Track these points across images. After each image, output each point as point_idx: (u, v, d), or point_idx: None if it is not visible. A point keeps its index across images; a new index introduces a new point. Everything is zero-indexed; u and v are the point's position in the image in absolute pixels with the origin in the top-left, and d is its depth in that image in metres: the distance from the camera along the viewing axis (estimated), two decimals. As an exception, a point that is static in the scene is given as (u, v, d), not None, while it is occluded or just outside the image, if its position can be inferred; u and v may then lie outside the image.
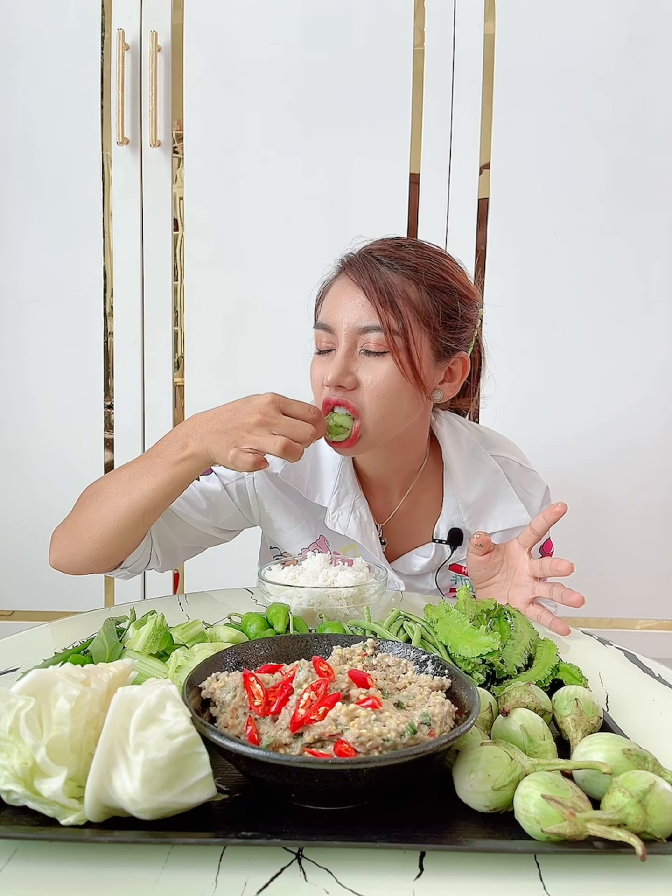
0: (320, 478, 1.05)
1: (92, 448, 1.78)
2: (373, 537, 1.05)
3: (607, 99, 1.68)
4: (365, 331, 0.92)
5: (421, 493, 1.09)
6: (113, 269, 1.73)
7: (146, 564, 1.03)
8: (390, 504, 1.09)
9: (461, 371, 1.01)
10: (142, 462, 0.91)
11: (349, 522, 1.03)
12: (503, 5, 1.66)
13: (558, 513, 0.90)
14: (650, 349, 1.75)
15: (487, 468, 1.07)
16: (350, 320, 0.92)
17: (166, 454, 0.89)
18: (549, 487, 1.11)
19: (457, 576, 1.11)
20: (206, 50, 1.68)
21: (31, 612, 1.81)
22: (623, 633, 1.81)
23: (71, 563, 0.96)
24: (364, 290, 0.92)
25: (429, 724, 0.54)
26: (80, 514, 0.94)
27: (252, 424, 0.83)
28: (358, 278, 0.93)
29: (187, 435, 0.88)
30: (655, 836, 0.49)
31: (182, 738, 0.50)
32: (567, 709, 0.63)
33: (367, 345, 0.92)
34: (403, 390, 0.93)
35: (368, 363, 0.92)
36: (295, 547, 1.09)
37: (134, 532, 0.93)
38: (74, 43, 1.68)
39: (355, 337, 0.92)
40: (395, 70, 1.67)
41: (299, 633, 0.75)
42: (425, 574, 1.09)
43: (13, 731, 0.50)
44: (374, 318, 0.91)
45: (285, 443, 0.81)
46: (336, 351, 0.93)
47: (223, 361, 1.75)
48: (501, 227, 1.71)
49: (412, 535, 1.10)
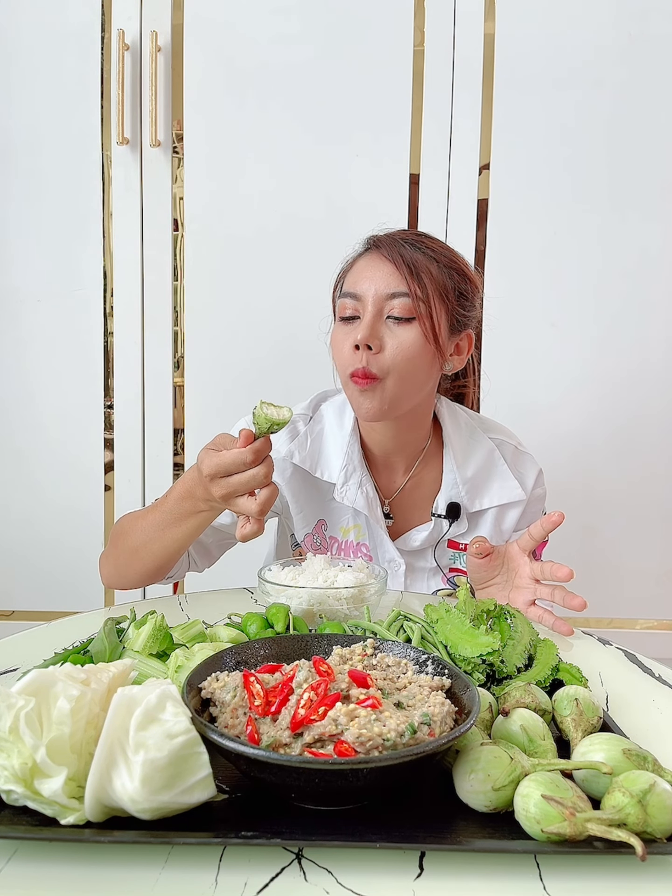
0: (328, 456, 1.10)
1: (92, 448, 1.78)
2: (378, 511, 1.10)
3: (607, 99, 1.68)
4: (392, 297, 0.98)
5: (424, 473, 1.13)
6: (113, 269, 1.73)
7: (187, 569, 1.11)
8: (394, 483, 1.14)
9: (467, 346, 1.08)
10: (167, 509, 0.92)
11: (357, 496, 1.08)
12: (503, 5, 1.66)
13: (555, 522, 0.92)
14: (650, 349, 1.75)
15: (484, 448, 1.13)
16: (378, 287, 0.99)
17: (193, 502, 0.88)
18: (542, 470, 1.16)
19: (455, 553, 1.14)
20: (206, 50, 1.68)
21: (31, 612, 1.82)
22: (623, 633, 1.81)
23: (120, 586, 1.06)
24: (393, 262, 0.99)
25: (429, 724, 0.54)
26: (118, 551, 1.01)
27: (221, 499, 0.81)
28: (389, 252, 1.00)
29: (190, 492, 0.88)
30: (655, 836, 0.49)
31: (182, 738, 0.50)
32: (567, 709, 0.63)
33: (393, 310, 0.98)
34: (424, 356, 1.00)
35: (393, 329, 0.99)
36: (299, 533, 1.14)
37: (173, 562, 1.01)
38: (74, 43, 1.68)
39: (382, 303, 0.99)
40: (395, 70, 1.67)
41: (299, 633, 0.75)
42: (424, 550, 1.13)
43: (13, 731, 0.50)
44: (402, 285, 0.98)
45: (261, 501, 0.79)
46: (362, 318, 0.99)
47: (223, 361, 1.75)
48: (501, 227, 1.71)
49: (414, 513, 1.14)
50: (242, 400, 1.75)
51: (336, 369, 1.05)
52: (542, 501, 1.16)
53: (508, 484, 1.11)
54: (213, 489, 0.81)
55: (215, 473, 0.79)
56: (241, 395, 1.75)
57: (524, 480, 1.12)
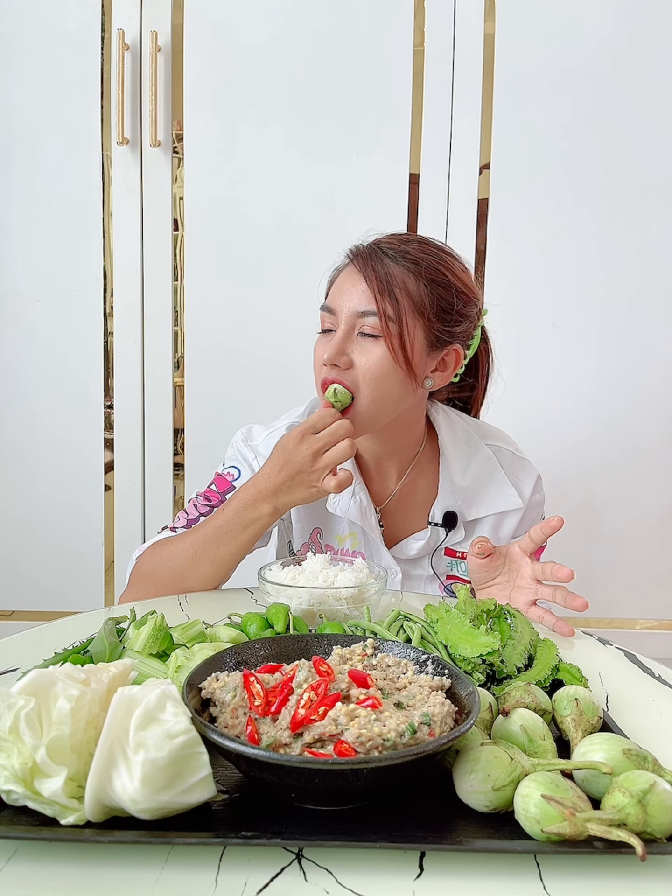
0: None
1: (92, 448, 1.78)
2: (372, 520, 1.10)
3: (607, 99, 1.68)
4: (363, 315, 0.98)
5: (418, 479, 1.13)
6: (113, 269, 1.73)
7: None
8: (388, 489, 1.13)
9: (454, 362, 1.05)
10: (215, 531, 0.98)
11: (350, 505, 1.09)
12: (503, 5, 1.66)
13: (554, 527, 0.93)
14: (650, 349, 1.75)
15: (481, 455, 1.12)
16: (351, 304, 0.99)
17: (240, 520, 0.97)
18: (540, 476, 1.15)
19: (452, 560, 1.13)
20: (206, 50, 1.68)
21: (31, 612, 1.81)
22: (623, 633, 1.81)
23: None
24: (366, 278, 0.98)
25: (429, 724, 0.54)
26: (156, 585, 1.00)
27: (309, 459, 0.93)
28: (362, 267, 0.99)
29: (256, 499, 0.96)
30: (655, 836, 0.49)
31: (182, 738, 0.50)
32: (567, 709, 0.63)
33: (364, 328, 0.98)
34: (394, 374, 0.98)
35: (364, 346, 0.98)
36: (296, 542, 1.14)
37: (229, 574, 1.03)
38: (74, 43, 1.68)
39: (354, 320, 0.99)
40: (395, 70, 1.67)
41: (299, 633, 0.75)
42: (421, 558, 1.13)
43: (13, 731, 0.50)
44: (373, 303, 0.97)
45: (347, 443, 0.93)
46: (335, 332, 1.00)
47: (223, 361, 1.75)
48: (501, 227, 1.71)
49: (409, 520, 1.13)
50: (242, 400, 1.75)
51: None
52: (540, 507, 1.16)
53: (506, 492, 1.10)
54: (303, 447, 0.93)
55: (307, 430, 0.94)
56: (241, 395, 1.76)
57: (521, 487, 1.11)
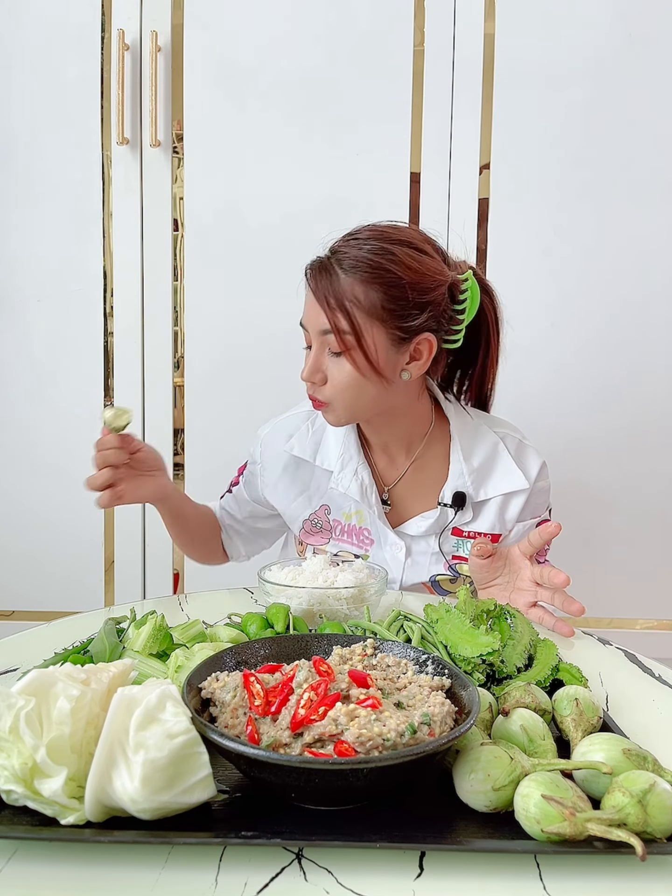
0: (328, 446, 1.16)
1: (92, 448, 1.77)
2: (372, 498, 1.13)
3: (607, 99, 1.68)
4: (325, 333, 1.00)
5: (427, 460, 1.15)
6: (113, 269, 1.73)
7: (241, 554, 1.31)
8: (396, 469, 1.16)
9: (427, 349, 1.04)
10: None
11: (351, 483, 1.12)
12: (503, 5, 1.66)
13: (551, 533, 0.94)
14: (650, 348, 1.75)
15: (489, 440, 1.15)
16: (314, 324, 1.01)
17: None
18: (546, 463, 1.17)
19: (459, 540, 1.15)
20: (206, 50, 1.67)
21: (31, 612, 1.81)
22: (623, 633, 1.80)
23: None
24: (317, 297, 1.00)
25: (429, 724, 0.54)
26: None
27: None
28: (314, 286, 1.00)
29: None
30: (655, 836, 0.49)
31: (182, 738, 0.50)
32: (567, 709, 0.63)
33: (331, 345, 1.00)
34: (365, 382, 1.01)
35: (334, 361, 1.01)
36: (297, 521, 1.19)
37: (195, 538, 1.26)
38: (75, 43, 1.68)
39: (320, 338, 1.01)
40: (395, 70, 1.67)
41: (299, 633, 0.75)
42: (428, 536, 1.14)
43: (13, 731, 0.50)
44: (327, 322, 0.99)
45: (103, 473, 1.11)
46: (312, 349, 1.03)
47: (223, 361, 1.75)
48: (501, 227, 1.71)
49: (417, 500, 1.15)
50: (242, 400, 1.75)
51: None
52: (546, 494, 1.18)
53: (512, 473, 1.14)
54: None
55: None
56: (241, 395, 1.76)
57: (528, 471, 1.15)
